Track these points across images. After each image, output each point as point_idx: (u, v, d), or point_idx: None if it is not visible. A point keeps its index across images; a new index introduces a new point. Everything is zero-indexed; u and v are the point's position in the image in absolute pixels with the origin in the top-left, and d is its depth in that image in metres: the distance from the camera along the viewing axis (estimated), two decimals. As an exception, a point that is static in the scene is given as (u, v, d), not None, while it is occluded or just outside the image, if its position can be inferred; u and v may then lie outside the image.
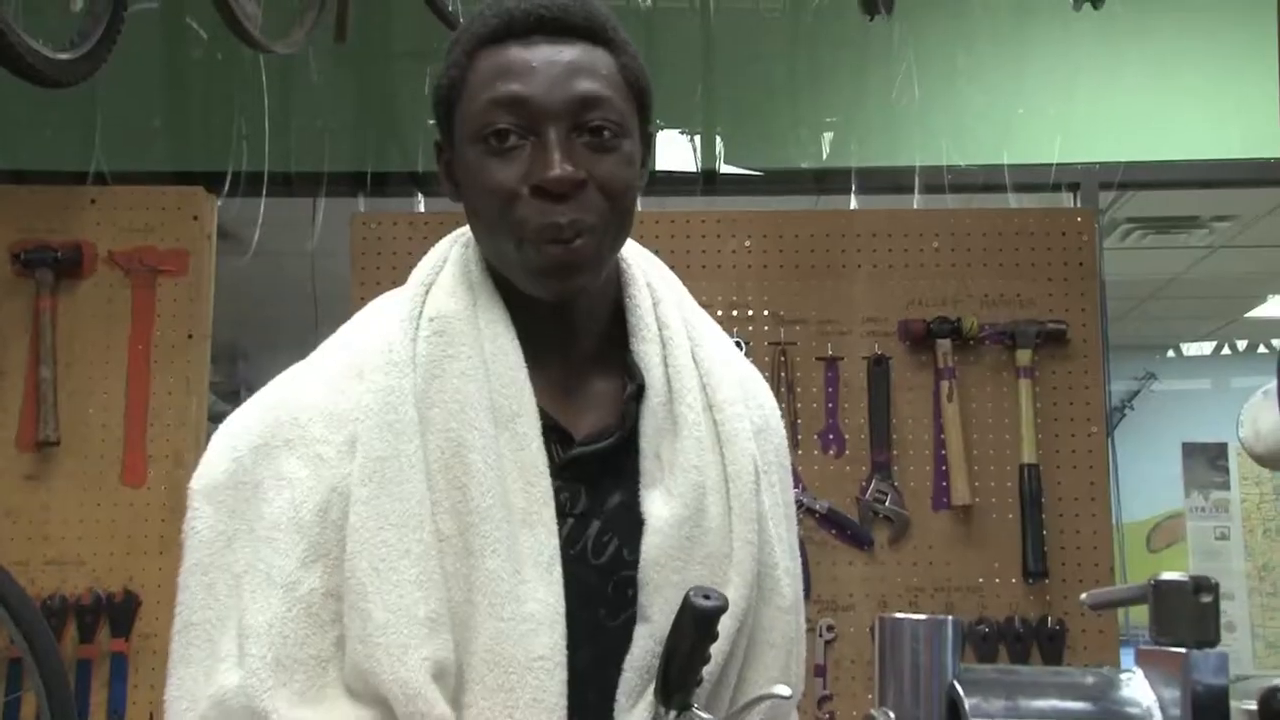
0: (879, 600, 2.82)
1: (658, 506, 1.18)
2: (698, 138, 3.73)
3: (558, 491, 1.17)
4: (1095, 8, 2.43)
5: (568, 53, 1.17)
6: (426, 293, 1.23)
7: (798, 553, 1.31)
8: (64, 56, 2.17)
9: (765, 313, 2.93)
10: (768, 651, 1.23)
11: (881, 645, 0.94)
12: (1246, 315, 6.87)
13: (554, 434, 1.20)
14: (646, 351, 1.24)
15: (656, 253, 1.33)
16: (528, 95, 1.15)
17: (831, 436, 2.89)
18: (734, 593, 1.17)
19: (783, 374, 2.90)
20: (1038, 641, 2.79)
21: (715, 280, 2.90)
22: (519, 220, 1.15)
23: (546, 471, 1.16)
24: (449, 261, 1.25)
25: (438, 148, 1.26)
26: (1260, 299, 6.54)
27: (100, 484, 2.95)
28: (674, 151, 3.75)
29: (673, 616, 1.10)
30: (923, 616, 0.93)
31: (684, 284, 1.34)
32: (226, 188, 3.42)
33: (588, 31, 1.19)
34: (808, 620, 2.80)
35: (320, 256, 3.60)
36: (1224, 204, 4.98)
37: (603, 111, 1.16)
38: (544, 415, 1.19)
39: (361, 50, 2.93)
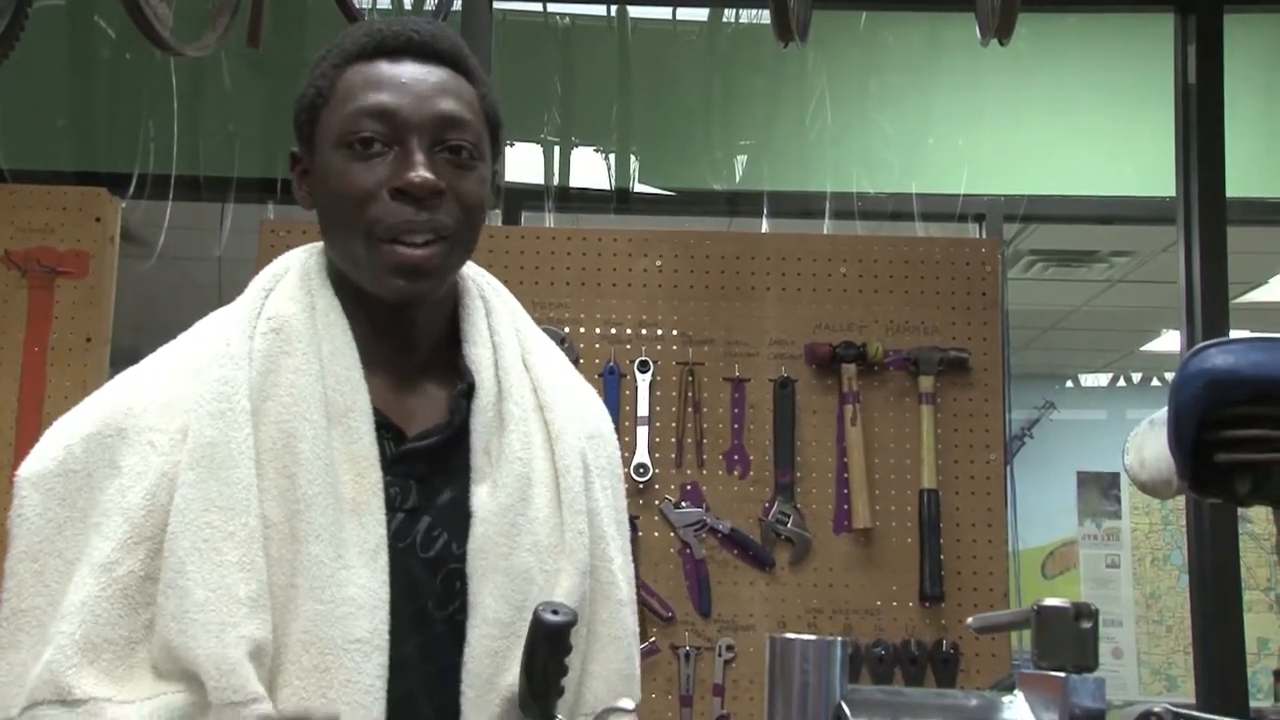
0: (779, 621, 2.85)
1: (484, 499, 1.23)
2: (612, 156, 3.75)
3: (388, 486, 1.21)
4: (1001, 44, 2.49)
5: (434, 74, 1.25)
6: (266, 297, 1.27)
7: (629, 556, 1.36)
8: (-36, 50, 2.12)
9: (674, 332, 2.94)
10: (610, 644, 1.29)
11: (771, 665, 0.96)
12: (1142, 348, 7.06)
13: (387, 431, 1.24)
14: (478, 355, 1.30)
15: (568, 269, 1.36)
16: (396, 106, 1.22)
17: (736, 457, 2.91)
18: (567, 581, 1.23)
19: (690, 394, 2.91)
20: (933, 664, 2.84)
21: (625, 298, 2.90)
22: (374, 219, 1.21)
23: (377, 464, 1.20)
24: (291, 269, 1.30)
25: (294, 158, 1.31)
26: (1155, 333, 6.73)
27: (-11, 489, 2.87)
28: (588, 169, 3.76)
29: (503, 602, 1.16)
30: (812, 637, 0.94)
31: (595, 301, 1.37)
32: (132, 190, 3.36)
33: (453, 59, 1.27)
34: (708, 640, 2.85)
35: (227, 263, 3.54)
36: (1122, 239, 5.13)
37: (463, 132, 1.24)
38: (377, 414, 1.23)
39: (275, 56, 2.89)
